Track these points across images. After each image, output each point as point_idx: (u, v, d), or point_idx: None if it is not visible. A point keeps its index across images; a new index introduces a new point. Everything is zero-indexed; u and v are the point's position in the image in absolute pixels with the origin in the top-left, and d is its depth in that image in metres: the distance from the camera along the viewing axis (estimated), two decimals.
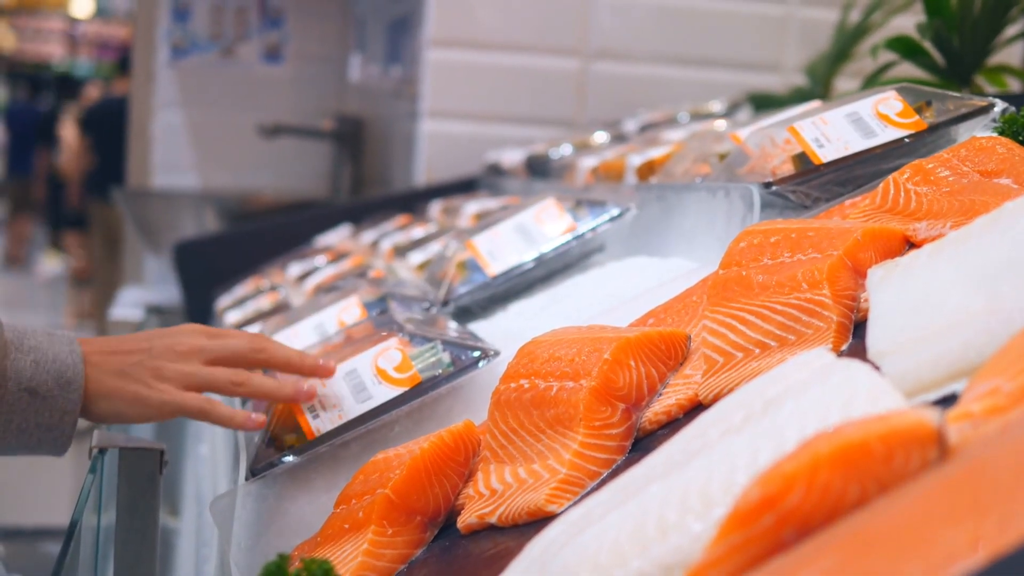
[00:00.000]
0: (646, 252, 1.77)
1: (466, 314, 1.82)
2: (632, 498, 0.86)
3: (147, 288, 4.51)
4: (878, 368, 0.94)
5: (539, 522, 1.07)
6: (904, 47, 2.15)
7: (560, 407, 1.16)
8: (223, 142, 4.91)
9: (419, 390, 1.44)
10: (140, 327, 3.55)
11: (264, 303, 2.51)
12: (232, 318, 2.52)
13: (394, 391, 1.44)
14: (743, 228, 1.32)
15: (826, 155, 1.47)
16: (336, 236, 3.14)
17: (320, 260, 2.70)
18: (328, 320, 1.87)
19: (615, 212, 1.82)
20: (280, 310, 2.32)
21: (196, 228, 4.30)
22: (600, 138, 2.98)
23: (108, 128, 8.88)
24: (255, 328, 2.23)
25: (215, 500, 1.41)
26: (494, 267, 1.83)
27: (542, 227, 1.85)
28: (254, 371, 1.48)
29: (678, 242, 1.71)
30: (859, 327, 1.09)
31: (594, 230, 1.82)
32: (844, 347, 1.08)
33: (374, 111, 4.63)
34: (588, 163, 2.47)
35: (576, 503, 1.07)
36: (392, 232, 2.71)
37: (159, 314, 3.76)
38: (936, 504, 0.63)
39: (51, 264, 11.06)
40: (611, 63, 3.63)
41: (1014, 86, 2.21)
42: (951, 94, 1.51)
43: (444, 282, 1.86)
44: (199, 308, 3.36)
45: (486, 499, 1.16)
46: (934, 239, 1.13)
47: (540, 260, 1.82)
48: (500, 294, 1.83)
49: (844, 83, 2.98)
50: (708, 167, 1.80)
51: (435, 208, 2.97)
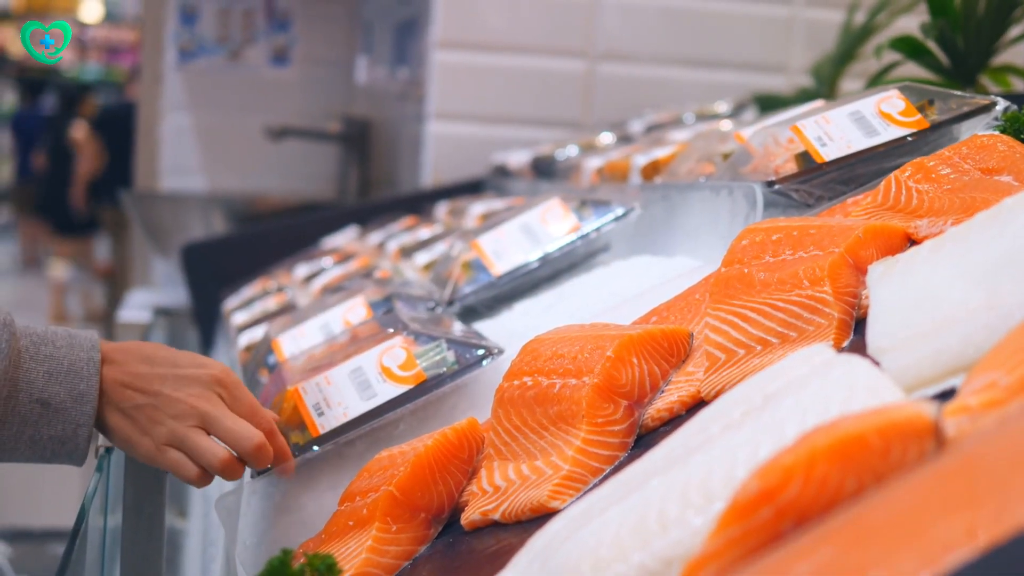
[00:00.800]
0: (650, 251, 1.77)
1: (471, 314, 1.83)
2: (633, 493, 0.86)
3: (155, 290, 4.52)
4: (878, 364, 0.94)
5: (542, 518, 1.07)
6: (908, 47, 2.15)
7: (563, 404, 1.16)
8: (231, 145, 4.92)
9: (424, 388, 1.45)
10: (148, 329, 3.56)
11: (271, 304, 2.52)
12: (239, 319, 2.53)
13: (399, 389, 1.45)
14: (746, 226, 1.32)
15: (829, 154, 1.47)
16: (343, 238, 3.15)
17: (327, 261, 2.71)
18: (334, 320, 1.88)
19: (619, 212, 1.83)
20: (287, 311, 2.32)
21: (204, 230, 4.31)
22: (606, 139, 2.98)
23: (120, 132, 8.95)
24: (261, 329, 2.23)
25: (220, 498, 1.42)
26: (499, 267, 1.84)
27: (547, 227, 1.86)
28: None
29: (682, 241, 1.72)
30: (860, 324, 1.10)
31: (598, 230, 1.82)
32: (845, 343, 1.08)
33: (381, 113, 4.64)
34: (593, 164, 2.48)
35: (579, 499, 1.08)
36: (398, 233, 2.71)
37: (167, 316, 3.77)
38: (932, 495, 0.64)
39: (58, 271, 11.08)
40: (617, 65, 3.63)
41: (1019, 86, 2.21)
42: (953, 93, 1.51)
43: (449, 282, 1.87)
44: (206, 310, 3.37)
45: (489, 496, 1.17)
46: (935, 236, 1.13)
47: (545, 260, 1.83)
48: (505, 294, 1.84)
49: (850, 84, 2.98)
50: (712, 166, 1.81)
51: (441, 209, 2.97)
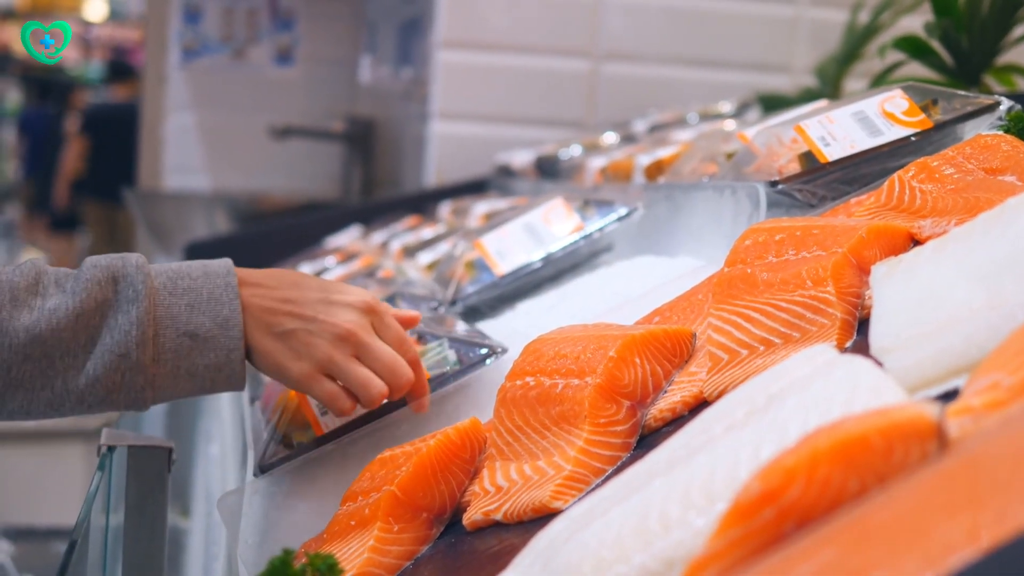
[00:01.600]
0: (654, 251, 1.77)
1: (474, 313, 1.83)
2: (635, 493, 0.86)
3: None
4: (881, 364, 0.94)
5: (544, 519, 1.07)
6: (912, 47, 2.15)
7: (565, 404, 1.16)
8: (234, 144, 4.92)
9: (431, 385, 1.44)
10: None
11: None
12: None
13: None
14: (749, 226, 1.32)
15: (832, 154, 1.47)
16: (346, 237, 3.15)
17: (330, 261, 2.71)
18: None
19: (623, 212, 1.82)
20: None
21: (207, 229, 4.32)
22: (609, 139, 2.98)
23: (110, 132, 9.01)
24: None
25: (223, 497, 1.42)
26: (502, 267, 1.83)
27: (550, 227, 1.86)
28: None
29: (686, 241, 1.71)
30: (864, 324, 1.09)
31: (601, 230, 1.82)
32: (848, 344, 1.08)
33: (385, 113, 4.64)
34: (597, 163, 2.48)
35: (581, 500, 1.08)
36: (402, 233, 2.72)
37: None
38: (934, 496, 0.64)
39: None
40: (621, 64, 3.63)
41: (1023, 85, 2.21)
42: (957, 92, 1.51)
43: (452, 281, 1.87)
44: None
45: (492, 496, 1.17)
46: (939, 236, 1.13)
47: (548, 260, 1.83)
48: (508, 293, 1.84)
49: (854, 84, 2.98)
50: (715, 166, 1.81)
51: (445, 209, 2.97)
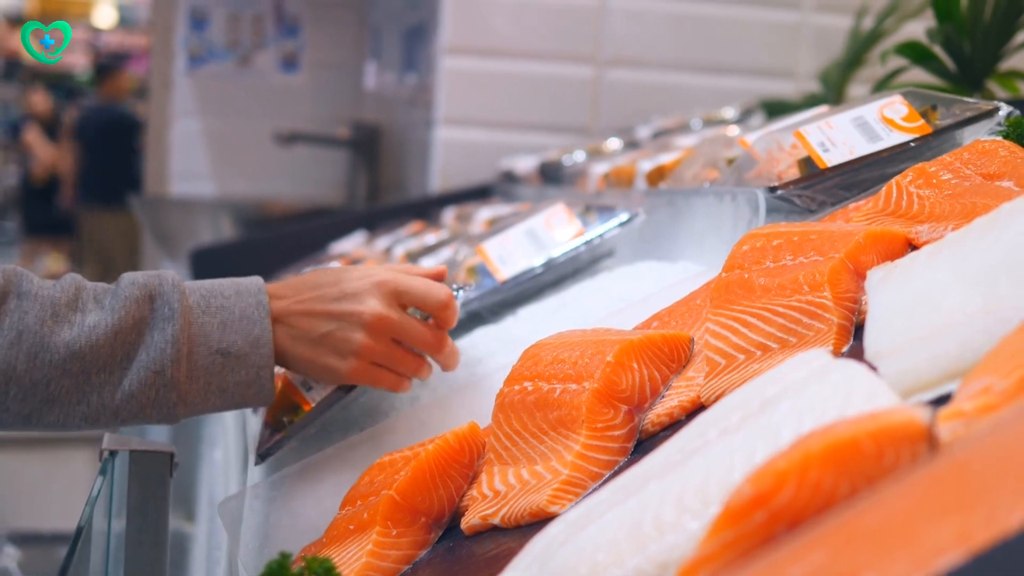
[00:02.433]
0: (655, 256, 1.78)
1: (476, 319, 1.83)
2: (631, 497, 0.86)
3: None
4: (876, 368, 0.94)
5: (542, 523, 1.07)
6: (914, 52, 2.15)
7: (563, 409, 1.16)
8: (240, 150, 4.93)
9: None
10: None
11: None
12: None
13: None
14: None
15: (831, 159, 1.47)
16: (351, 243, 3.16)
17: (334, 266, 2.71)
18: None
19: (624, 217, 1.83)
20: None
21: (213, 235, 4.32)
22: (613, 144, 2.98)
23: (102, 138, 9.08)
24: None
25: (223, 502, 1.42)
26: (504, 272, 1.84)
27: (552, 232, 1.86)
28: None
29: (687, 246, 1.72)
30: (861, 329, 1.10)
31: (603, 236, 1.83)
32: (845, 349, 1.08)
33: (390, 119, 4.65)
34: (599, 169, 2.48)
35: (578, 504, 1.08)
36: (405, 238, 2.72)
37: None
38: (923, 499, 0.64)
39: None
40: (625, 70, 3.64)
41: None
42: (957, 98, 1.51)
43: (454, 287, 1.87)
44: None
45: (489, 500, 1.17)
46: (935, 241, 1.13)
47: (549, 265, 1.83)
48: (510, 299, 1.84)
49: (858, 89, 2.98)
50: (717, 172, 1.81)
51: (448, 215, 2.98)
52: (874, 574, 0.61)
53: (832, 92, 2.93)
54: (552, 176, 2.97)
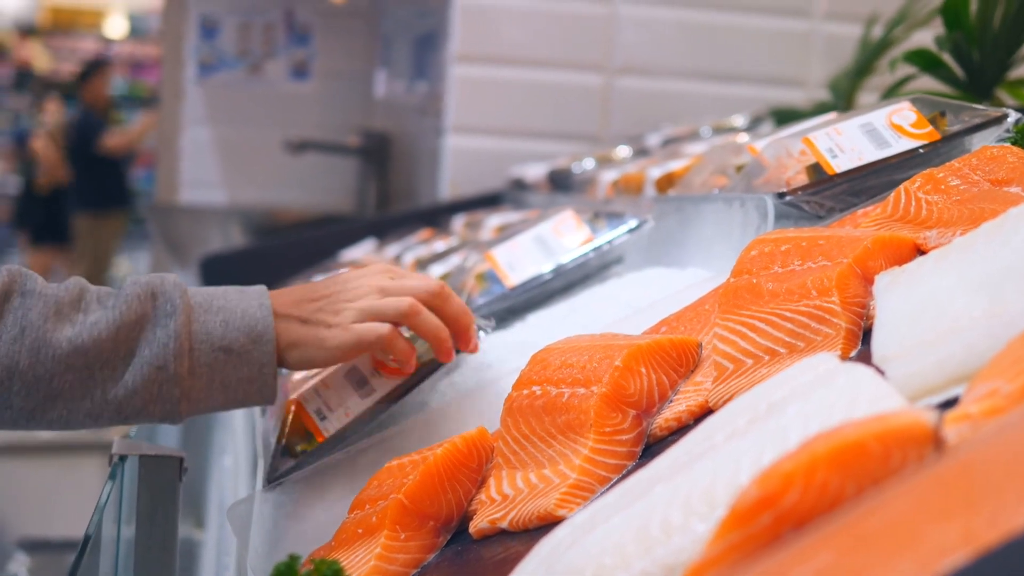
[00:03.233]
0: (664, 262, 1.78)
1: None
2: (638, 500, 0.87)
3: None
4: (883, 372, 0.95)
5: (550, 526, 1.08)
6: (923, 60, 2.15)
7: (571, 413, 1.17)
8: (250, 158, 4.94)
9: (419, 375, 1.46)
10: None
11: None
12: None
13: (394, 381, 1.46)
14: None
15: (840, 165, 1.48)
16: (360, 250, 3.16)
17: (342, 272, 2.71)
18: None
19: (633, 224, 1.83)
20: None
21: (223, 243, 4.33)
22: (622, 152, 2.99)
23: (81, 145, 9.18)
24: None
25: (232, 506, 1.42)
26: (513, 278, 1.84)
27: (560, 239, 1.87)
28: None
29: (695, 252, 1.72)
30: (869, 334, 1.10)
31: (611, 242, 1.83)
32: (853, 354, 1.08)
33: (400, 127, 4.66)
34: (609, 177, 2.49)
35: (585, 508, 1.08)
36: (415, 246, 2.72)
37: None
38: (929, 500, 0.64)
39: None
40: (635, 79, 3.64)
41: None
42: (966, 105, 1.51)
43: (463, 293, 1.87)
44: None
45: (498, 504, 1.17)
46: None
47: (558, 271, 1.83)
48: (519, 305, 1.84)
49: (867, 98, 2.98)
50: (725, 178, 1.81)
51: (458, 222, 2.98)
52: (879, 575, 0.61)
53: (842, 100, 2.93)
54: (562, 184, 2.98)
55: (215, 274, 3.44)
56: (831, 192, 1.48)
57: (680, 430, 1.15)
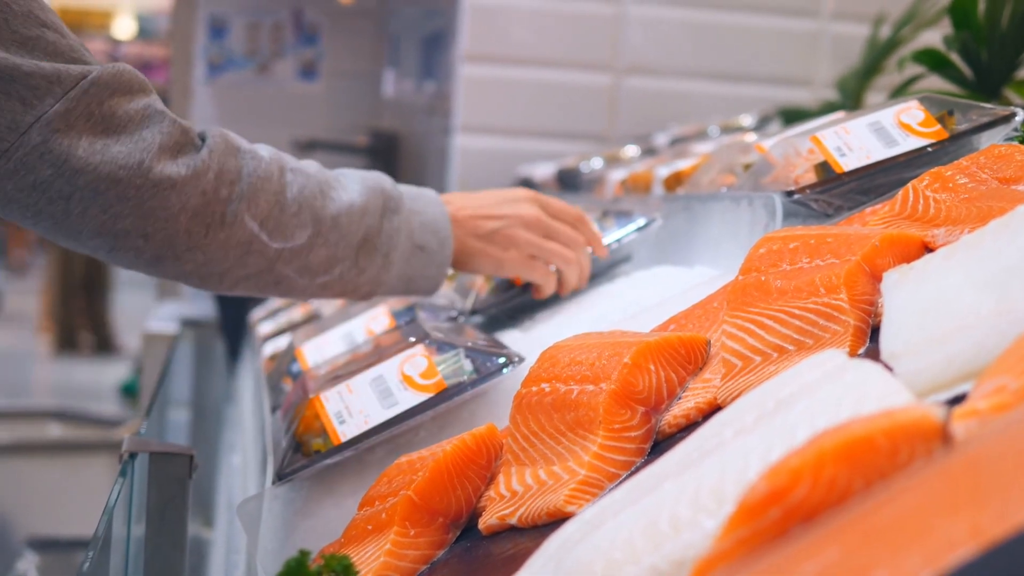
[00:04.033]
0: (672, 261, 1.78)
1: (494, 323, 1.84)
2: (646, 496, 0.87)
3: (183, 302, 4.55)
4: (891, 369, 0.95)
5: (558, 523, 1.08)
6: (931, 60, 2.16)
7: (580, 410, 1.17)
8: None
9: (444, 395, 1.46)
10: (175, 340, 3.58)
11: (296, 314, 2.54)
12: (264, 329, 2.55)
13: (419, 397, 1.46)
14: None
15: (848, 164, 1.48)
16: None
17: None
18: (357, 329, 1.89)
19: (641, 223, 1.84)
20: (312, 321, 2.34)
21: None
22: (630, 152, 2.99)
23: None
24: (286, 338, 2.25)
25: (242, 503, 1.43)
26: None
27: None
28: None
29: (704, 251, 1.73)
30: (877, 332, 1.10)
31: (620, 241, 1.83)
32: (861, 351, 1.08)
33: (408, 126, 4.66)
34: (617, 176, 2.49)
35: (594, 504, 1.08)
36: None
37: (194, 327, 3.80)
38: (937, 495, 0.64)
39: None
40: (642, 78, 3.65)
41: None
42: (974, 104, 1.51)
43: (472, 291, 1.88)
44: (234, 321, 3.40)
45: (507, 500, 1.17)
46: None
47: None
48: (527, 303, 1.85)
49: (875, 97, 2.99)
50: (734, 177, 1.82)
51: None
52: (887, 569, 0.61)
53: (850, 100, 2.93)
54: (570, 183, 2.98)
55: None
56: (839, 190, 1.48)
57: (689, 427, 1.15)
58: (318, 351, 1.87)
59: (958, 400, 0.88)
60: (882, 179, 1.47)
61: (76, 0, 16.11)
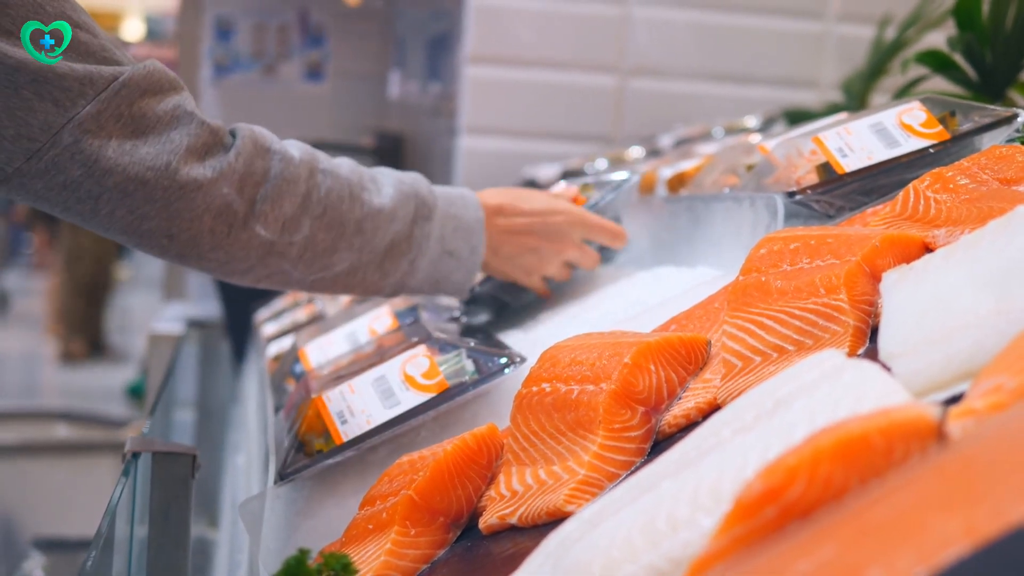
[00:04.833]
0: (674, 262, 1.79)
1: (497, 323, 1.84)
2: (645, 494, 0.87)
3: (189, 303, 4.56)
4: (890, 369, 0.95)
5: (558, 522, 1.08)
6: (935, 61, 2.15)
7: (580, 410, 1.17)
8: None
9: (446, 396, 1.46)
10: (181, 341, 3.59)
11: (301, 315, 2.54)
12: (269, 330, 2.56)
13: (421, 397, 1.46)
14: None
15: (849, 165, 1.48)
16: None
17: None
18: (360, 329, 1.90)
19: (619, 180, 1.87)
20: (316, 321, 2.35)
21: None
22: (635, 153, 2.99)
23: None
24: (291, 339, 2.25)
25: (244, 502, 1.43)
26: None
27: None
28: None
29: (706, 251, 1.73)
30: (877, 333, 1.10)
31: (599, 203, 1.85)
32: (861, 351, 1.08)
33: (413, 127, 4.67)
34: None
35: (594, 503, 1.08)
36: None
37: (200, 328, 3.80)
38: (931, 493, 0.64)
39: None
40: (648, 80, 3.65)
41: None
42: (975, 105, 1.51)
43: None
44: (239, 322, 3.40)
45: (507, 500, 1.18)
46: None
47: None
48: (532, 298, 1.85)
49: (880, 99, 2.98)
50: (736, 178, 1.82)
51: None
52: (881, 567, 0.61)
53: (855, 102, 2.93)
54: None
55: None
56: (841, 191, 1.48)
57: (689, 427, 1.15)
58: (321, 352, 1.87)
59: (956, 400, 0.88)
60: (884, 180, 1.47)
61: (85, 2, 16.12)
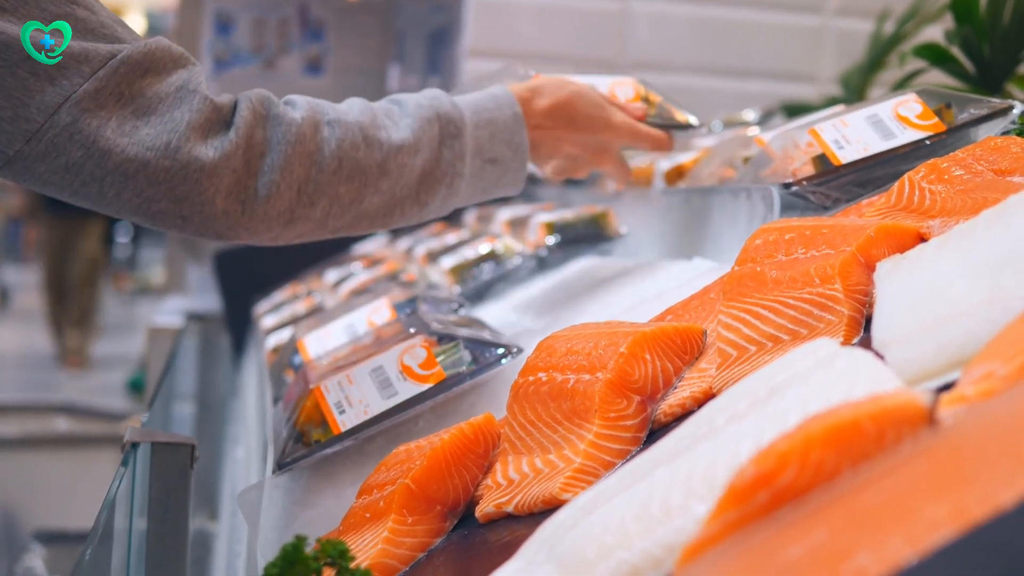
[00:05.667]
0: (672, 253, 1.79)
1: (495, 314, 1.85)
2: (639, 482, 0.88)
3: (188, 296, 4.56)
4: (883, 357, 0.96)
5: (554, 510, 1.08)
6: (933, 54, 2.16)
7: (576, 399, 1.18)
8: None
9: (443, 386, 1.46)
10: (180, 334, 3.59)
11: (300, 308, 2.55)
12: (268, 322, 2.56)
13: (418, 387, 1.47)
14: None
15: (845, 156, 1.48)
16: (373, 244, 3.18)
17: (356, 266, 2.73)
18: (359, 321, 1.90)
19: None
20: (315, 314, 2.35)
21: None
22: None
23: None
24: (289, 331, 2.26)
25: (243, 492, 1.44)
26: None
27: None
28: None
29: (703, 243, 1.73)
30: (871, 322, 1.11)
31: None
32: (855, 340, 1.09)
33: None
34: None
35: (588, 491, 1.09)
36: (426, 239, 2.74)
37: (200, 321, 3.81)
38: (921, 478, 0.65)
39: None
40: (647, 74, 3.62)
41: None
42: (972, 97, 1.52)
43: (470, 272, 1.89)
44: (239, 315, 3.40)
45: (504, 489, 1.18)
46: None
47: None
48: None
49: (879, 93, 2.98)
50: (733, 170, 1.82)
51: (470, 216, 3.00)
52: (871, 551, 0.62)
53: (853, 95, 2.93)
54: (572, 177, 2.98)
55: (229, 269, 3.46)
56: (837, 183, 1.49)
57: (684, 416, 1.16)
58: (320, 343, 1.88)
59: (949, 387, 0.89)
60: (880, 171, 1.48)
61: None
